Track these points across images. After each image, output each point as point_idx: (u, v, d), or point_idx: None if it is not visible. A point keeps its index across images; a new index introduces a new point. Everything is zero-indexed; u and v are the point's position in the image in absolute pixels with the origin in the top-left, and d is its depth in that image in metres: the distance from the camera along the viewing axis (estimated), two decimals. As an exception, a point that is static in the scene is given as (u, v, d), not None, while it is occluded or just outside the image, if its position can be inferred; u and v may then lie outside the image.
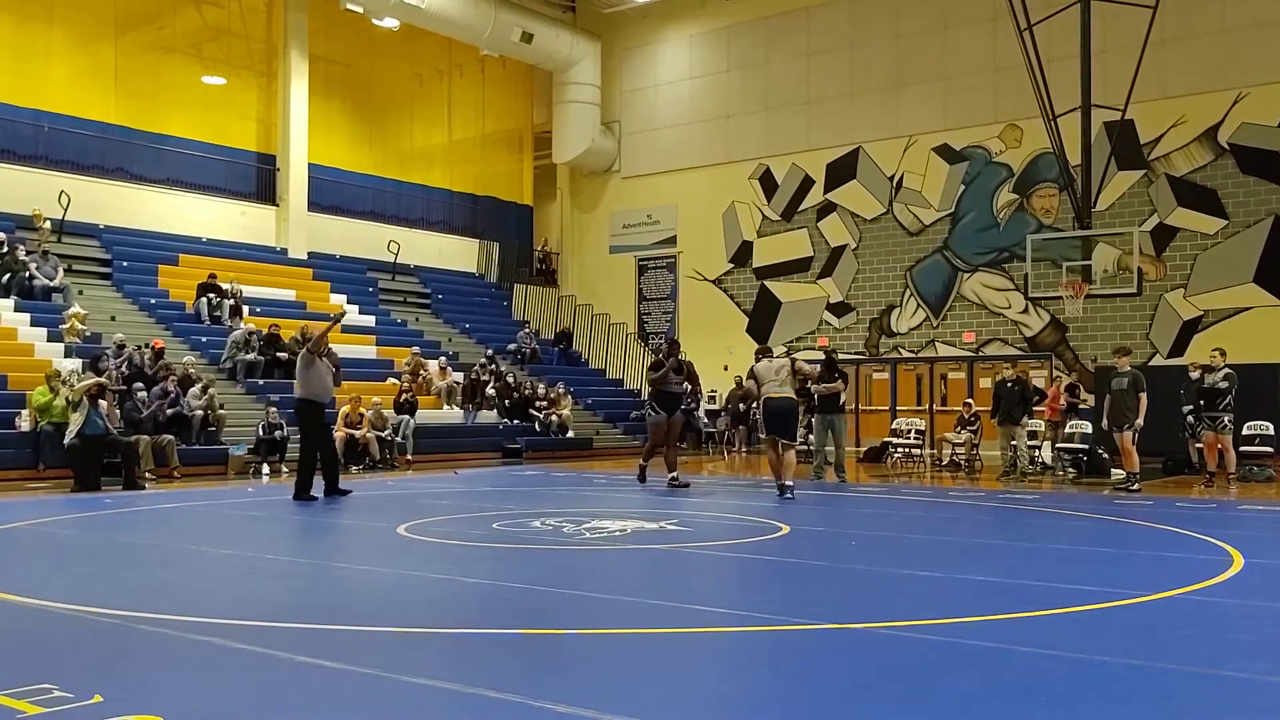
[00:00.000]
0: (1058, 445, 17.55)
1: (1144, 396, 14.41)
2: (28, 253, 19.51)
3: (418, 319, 26.28)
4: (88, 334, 18.29)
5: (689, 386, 15.49)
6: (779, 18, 26.75)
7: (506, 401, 22.87)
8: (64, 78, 22.25)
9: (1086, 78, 18.27)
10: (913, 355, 24.63)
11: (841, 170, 25.75)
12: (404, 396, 20.23)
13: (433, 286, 27.81)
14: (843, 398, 16.74)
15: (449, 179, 29.42)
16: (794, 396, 13.23)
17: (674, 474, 14.43)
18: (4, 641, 5.28)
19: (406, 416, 19.81)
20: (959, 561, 8.22)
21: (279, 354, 20.23)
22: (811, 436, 21.09)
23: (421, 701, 4.20)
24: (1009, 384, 17.01)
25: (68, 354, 17.52)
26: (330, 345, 13.61)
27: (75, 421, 14.42)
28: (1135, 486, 14.11)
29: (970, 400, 20.56)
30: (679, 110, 28.52)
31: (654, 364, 15.27)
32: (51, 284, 19.48)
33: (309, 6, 25.15)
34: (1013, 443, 16.91)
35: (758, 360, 13.42)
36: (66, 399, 15.07)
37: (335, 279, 25.16)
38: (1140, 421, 14.37)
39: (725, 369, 26.49)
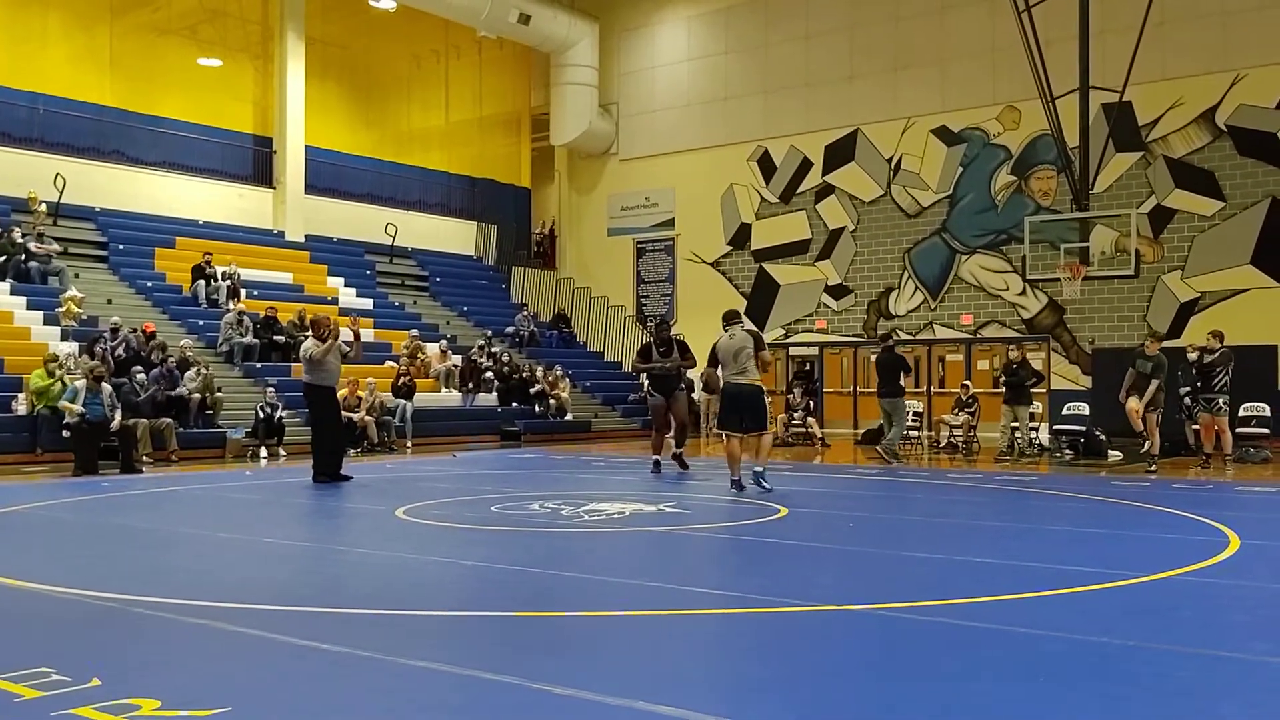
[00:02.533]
0: (1054, 426, 17.59)
1: (1155, 383, 14.43)
2: (23, 235, 19.47)
3: (415, 302, 26.25)
4: (84, 317, 18.27)
5: (681, 365, 13.97)
6: (777, -1, 26.66)
7: (496, 380, 22.82)
8: (60, 60, 22.15)
9: (1085, 59, 18.21)
10: (910, 337, 24.62)
11: (840, 152, 25.68)
12: (402, 380, 20.22)
13: (430, 269, 27.77)
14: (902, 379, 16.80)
15: (446, 161, 29.34)
16: (757, 382, 11.53)
17: (677, 451, 13.90)
18: (2, 625, 5.29)
19: (403, 401, 19.80)
20: (957, 543, 8.23)
21: (276, 337, 20.21)
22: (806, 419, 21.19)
23: (421, 683, 4.20)
24: (1014, 365, 17.13)
25: (64, 337, 17.50)
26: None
27: (72, 410, 14.41)
28: (1153, 468, 14.14)
29: (968, 382, 20.58)
30: (677, 92, 28.43)
31: (641, 349, 14.61)
32: (47, 267, 19.44)
33: (305, -12, 25.06)
34: (1014, 424, 16.99)
35: (724, 329, 11.75)
36: (64, 383, 15.06)
37: (332, 262, 25.12)
38: (1145, 400, 14.39)
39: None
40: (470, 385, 22.06)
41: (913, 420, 19.77)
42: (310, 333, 13.05)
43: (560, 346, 27.59)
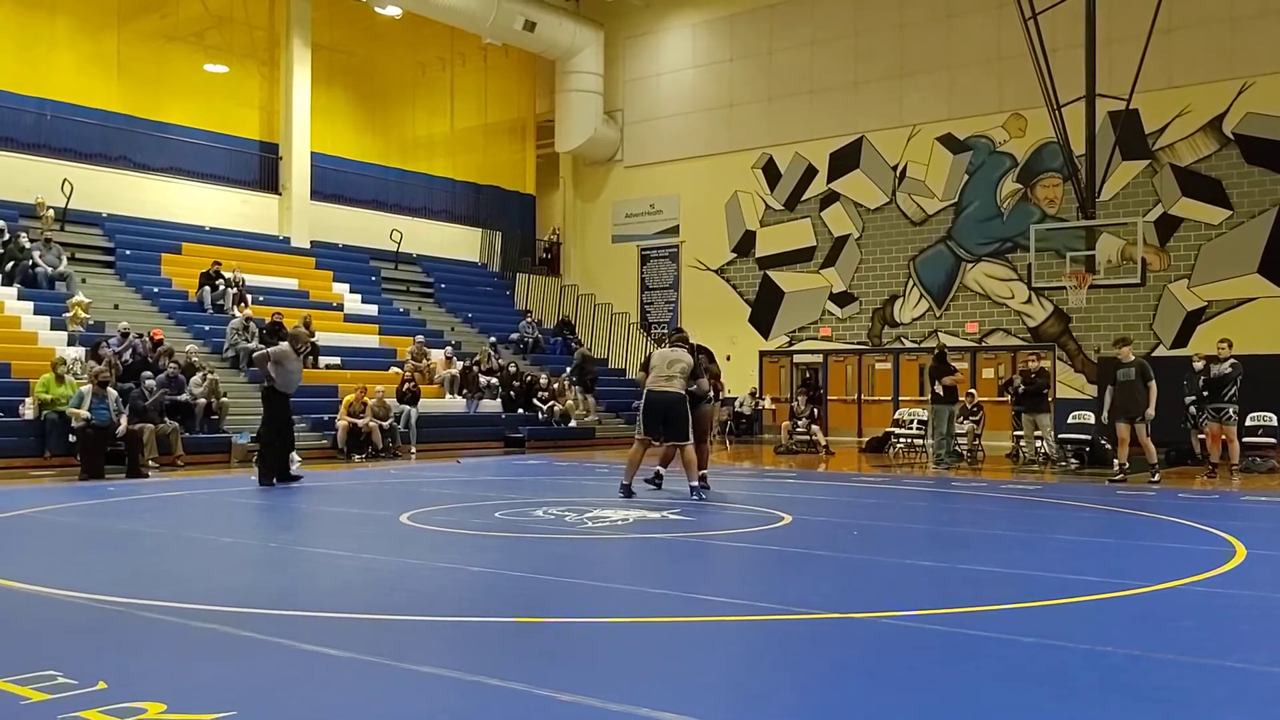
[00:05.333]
0: (1060, 435, 17.56)
1: (1153, 385, 14.28)
2: (31, 241, 19.51)
3: (420, 308, 26.29)
4: (91, 322, 18.30)
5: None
6: (782, 6, 26.69)
7: (510, 391, 22.87)
8: (67, 66, 22.24)
9: (1091, 67, 18.21)
10: (915, 345, 24.61)
11: (845, 160, 25.70)
12: (406, 386, 20.24)
13: (435, 276, 27.82)
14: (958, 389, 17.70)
15: (452, 168, 29.40)
16: (680, 391, 11.45)
17: (659, 469, 12.49)
18: (8, 628, 5.29)
19: (408, 407, 19.82)
20: (961, 552, 8.22)
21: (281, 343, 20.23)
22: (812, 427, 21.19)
23: (425, 689, 4.21)
24: (1033, 375, 17.10)
25: (71, 342, 17.53)
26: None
27: (79, 415, 14.42)
28: (1156, 479, 14.01)
29: (973, 391, 20.55)
30: (682, 99, 28.47)
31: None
32: (54, 272, 19.49)
33: (311, -6, 25.15)
34: (1036, 433, 16.96)
35: (659, 344, 11.87)
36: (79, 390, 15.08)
37: (338, 268, 25.17)
38: (1151, 412, 14.28)
39: (728, 359, 26.47)
40: (466, 392, 22.06)
41: (917, 428, 19.77)
42: (288, 343, 13.33)
43: (564, 353, 27.60)
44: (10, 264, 18.99)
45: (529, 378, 23.72)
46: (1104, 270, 19.56)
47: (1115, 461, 14.66)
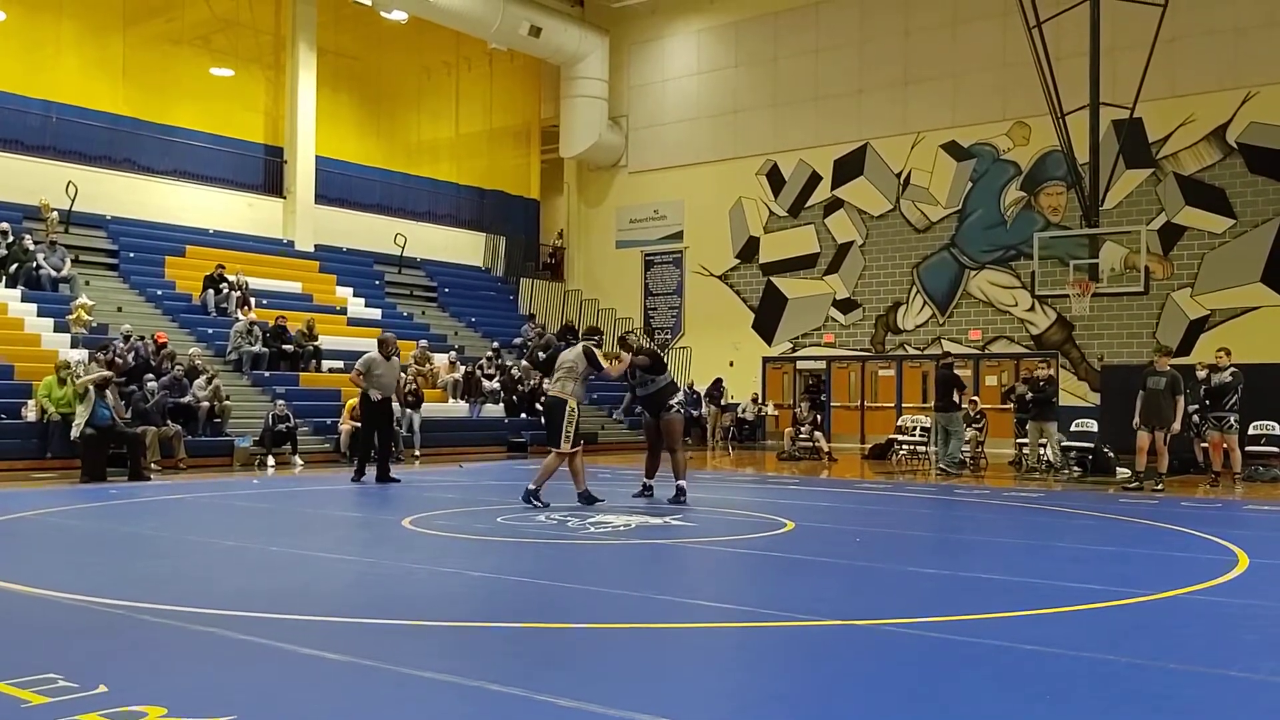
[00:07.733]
0: (1063, 443, 17.54)
1: (1181, 400, 14.23)
2: (35, 243, 19.54)
3: (424, 312, 26.30)
4: (94, 324, 18.32)
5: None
6: (788, 13, 26.70)
7: (513, 396, 22.84)
8: (72, 68, 22.28)
9: (1095, 75, 18.23)
10: (919, 353, 24.59)
11: (849, 167, 25.70)
12: (409, 390, 20.21)
13: (439, 280, 27.83)
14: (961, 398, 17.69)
15: (456, 172, 29.43)
16: (558, 394, 11.08)
17: (648, 483, 12.27)
18: (9, 631, 5.29)
19: (411, 411, 19.80)
20: (964, 559, 8.21)
21: (285, 346, 20.25)
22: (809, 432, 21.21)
23: (425, 694, 4.20)
24: (1041, 383, 17.05)
25: (74, 344, 17.53)
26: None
27: (81, 414, 14.43)
28: (1159, 486, 14.05)
29: (976, 398, 20.52)
30: (687, 105, 28.48)
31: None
32: (58, 274, 19.52)
33: (317, -1, 25.20)
34: (1041, 440, 16.91)
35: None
36: (75, 391, 15.08)
37: (342, 271, 25.19)
38: (1177, 426, 14.26)
39: (730, 365, 26.49)
40: (469, 397, 22.03)
41: (921, 435, 19.75)
42: (376, 349, 14.47)
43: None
44: (14, 266, 19.00)
45: (532, 383, 23.68)
46: (1107, 279, 19.55)
47: (1132, 469, 14.62)
